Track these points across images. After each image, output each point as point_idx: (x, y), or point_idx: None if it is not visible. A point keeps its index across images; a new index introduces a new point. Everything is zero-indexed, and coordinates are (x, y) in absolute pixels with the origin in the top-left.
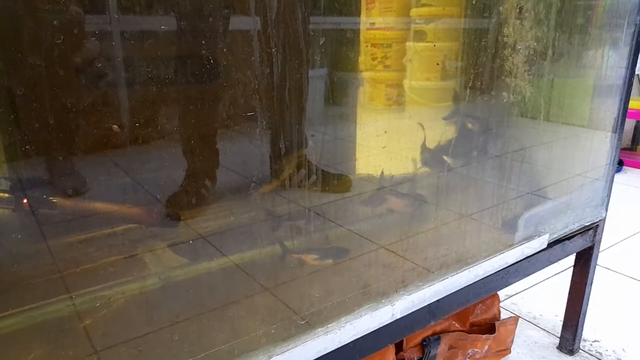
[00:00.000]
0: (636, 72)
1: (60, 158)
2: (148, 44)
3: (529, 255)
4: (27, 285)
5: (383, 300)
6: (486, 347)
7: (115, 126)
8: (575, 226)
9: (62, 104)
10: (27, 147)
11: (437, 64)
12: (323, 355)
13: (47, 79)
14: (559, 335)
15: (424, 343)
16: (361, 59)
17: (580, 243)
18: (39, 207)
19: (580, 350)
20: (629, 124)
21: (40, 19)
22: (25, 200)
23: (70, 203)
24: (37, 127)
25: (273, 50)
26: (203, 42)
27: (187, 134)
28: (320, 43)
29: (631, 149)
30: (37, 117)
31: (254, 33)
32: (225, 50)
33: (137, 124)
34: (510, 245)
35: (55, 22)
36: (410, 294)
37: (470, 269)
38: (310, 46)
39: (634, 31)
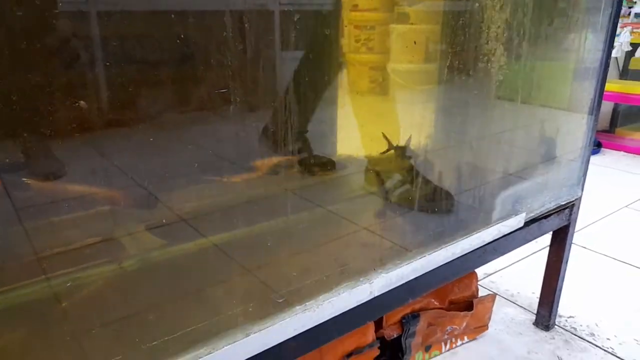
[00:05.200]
0: (614, 55)
1: (37, 141)
2: (124, 24)
3: (506, 233)
4: (2, 267)
5: (361, 279)
6: (464, 323)
7: (82, 102)
8: (551, 205)
9: (38, 84)
10: (2, 129)
11: (415, 43)
12: (301, 333)
13: (22, 60)
14: (535, 312)
15: (404, 320)
16: (344, 41)
17: (556, 222)
18: (15, 190)
19: (555, 326)
20: (608, 106)
21: None
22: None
23: (48, 186)
24: (12, 110)
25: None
26: (179, 21)
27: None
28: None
29: (609, 131)
30: (12, 99)
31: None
32: (205, 31)
33: (114, 106)
34: (487, 224)
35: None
36: (388, 272)
37: (447, 247)
38: (293, 27)
39: (611, 13)
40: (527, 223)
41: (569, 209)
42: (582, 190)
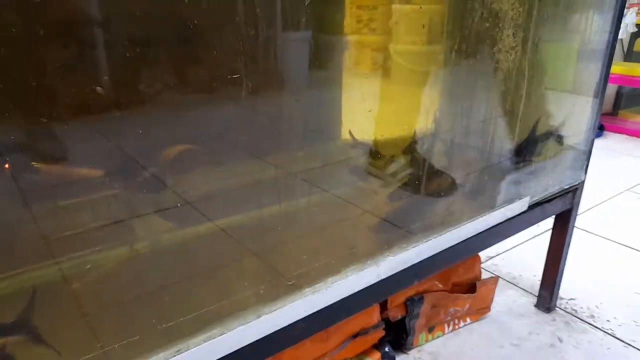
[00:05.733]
0: (620, 37)
1: (41, 123)
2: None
3: (510, 217)
4: (11, 250)
5: (369, 262)
6: (467, 305)
7: (98, 88)
8: (555, 189)
9: (42, 66)
10: (6, 112)
11: (423, 26)
12: (311, 314)
13: (27, 41)
14: (537, 294)
15: (408, 302)
16: (346, 21)
17: (559, 205)
18: (20, 173)
19: (556, 308)
20: (611, 89)
21: None
22: (7, 166)
23: (51, 169)
24: (16, 91)
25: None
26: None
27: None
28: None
29: (612, 114)
30: (16, 80)
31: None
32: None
33: (121, 88)
34: (492, 208)
35: None
36: (394, 255)
37: (453, 231)
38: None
39: None
40: (531, 207)
41: (572, 192)
42: (586, 174)
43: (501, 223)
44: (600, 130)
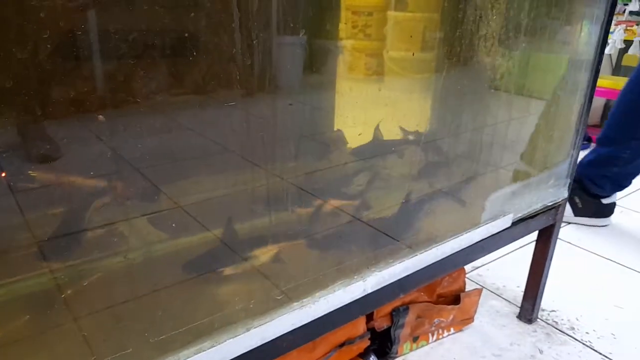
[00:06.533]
0: (608, 52)
1: (33, 122)
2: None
3: (493, 233)
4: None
5: (355, 277)
6: (451, 316)
7: (100, 116)
8: (538, 206)
9: (34, 63)
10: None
11: (411, 36)
12: (298, 327)
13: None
14: (519, 305)
15: (393, 313)
16: (341, 26)
17: (542, 221)
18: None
19: (538, 320)
20: (599, 101)
21: None
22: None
23: (42, 169)
24: (7, 88)
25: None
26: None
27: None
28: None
29: (600, 126)
30: (6, 78)
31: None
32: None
33: (115, 89)
34: (476, 224)
35: None
36: (381, 271)
37: (438, 247)
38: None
39: (606, 7)
40: (515, 223)
41: (555, 209)
42: (569, 191)
43: (485, 239)
44: (587, 142)
